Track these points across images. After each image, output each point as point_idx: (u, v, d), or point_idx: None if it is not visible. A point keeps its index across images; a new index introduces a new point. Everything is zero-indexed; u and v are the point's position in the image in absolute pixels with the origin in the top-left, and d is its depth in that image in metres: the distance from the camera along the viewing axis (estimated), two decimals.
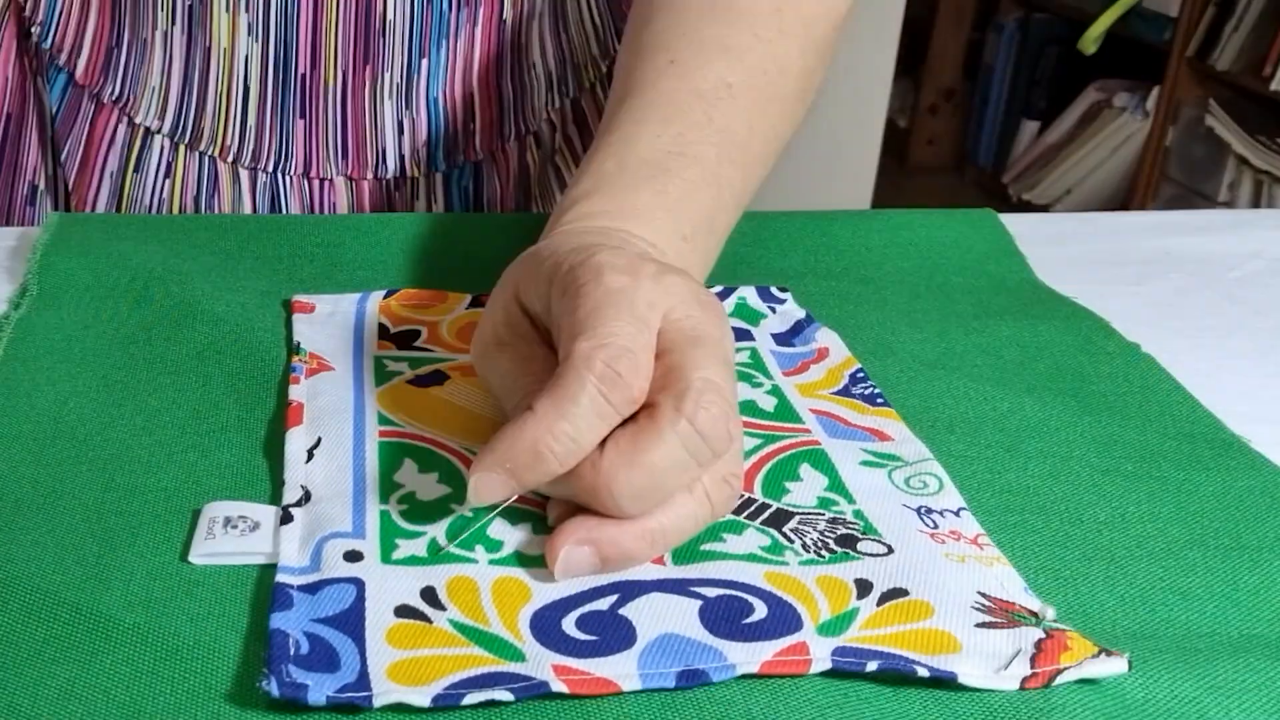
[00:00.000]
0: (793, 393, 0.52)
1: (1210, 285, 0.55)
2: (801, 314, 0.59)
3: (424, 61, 0.72)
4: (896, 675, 0.36)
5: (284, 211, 0.74)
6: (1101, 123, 3.18)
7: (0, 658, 0.36)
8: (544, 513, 0.43)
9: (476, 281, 0.60)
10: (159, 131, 0.73)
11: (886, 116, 2.27)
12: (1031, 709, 0.36)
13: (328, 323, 0.55)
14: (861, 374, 0.54)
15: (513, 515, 0.42)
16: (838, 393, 0.53)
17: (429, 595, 0.38)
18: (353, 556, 0.40)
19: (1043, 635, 0.38)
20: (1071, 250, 0.71)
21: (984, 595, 0.40)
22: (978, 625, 0.38)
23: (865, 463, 0.47)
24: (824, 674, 0.36)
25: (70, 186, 0.76)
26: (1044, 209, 3.20)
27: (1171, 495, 0.48)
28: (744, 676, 0.36)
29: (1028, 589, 0.41)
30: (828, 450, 0.48)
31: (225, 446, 0.47)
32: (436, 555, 0.40)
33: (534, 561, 0.40)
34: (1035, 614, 0.39)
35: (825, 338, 0.57)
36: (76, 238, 0.61)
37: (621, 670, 0.35)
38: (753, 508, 0.44)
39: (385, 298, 0.57)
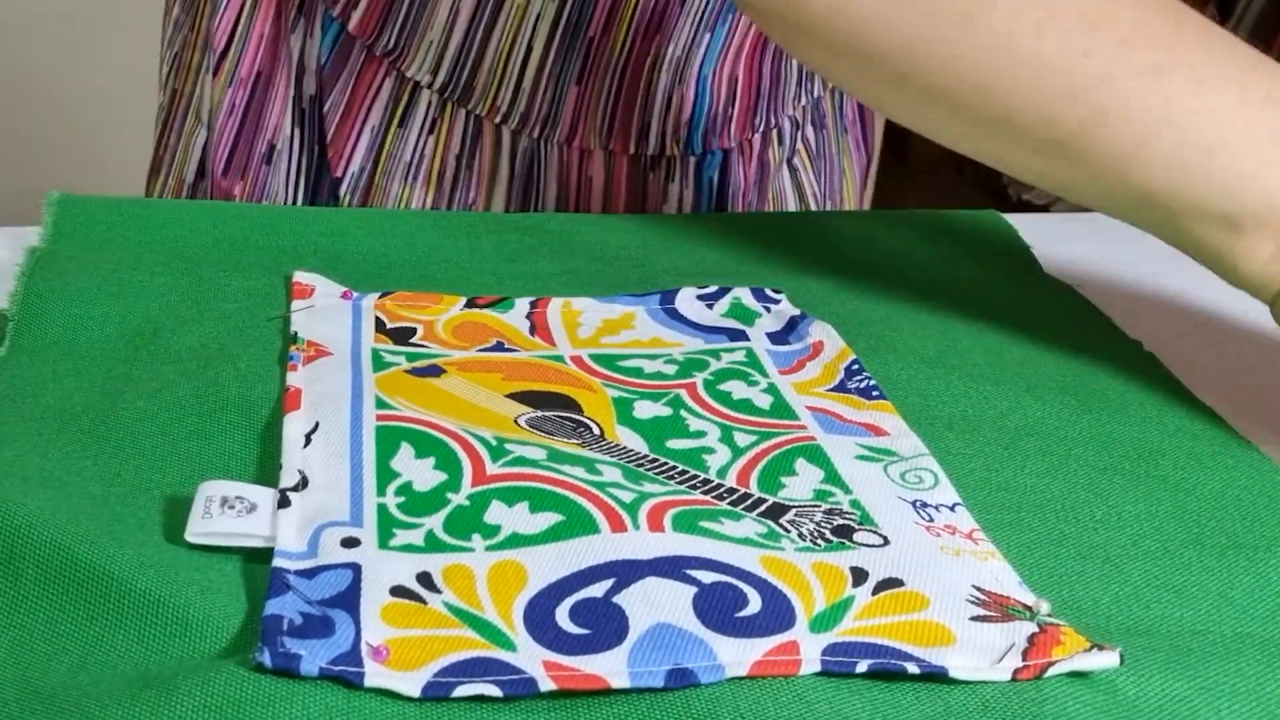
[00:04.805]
0: (789, 391, 0.52)
1: (1210, 285, 0.55)
2: (795, 312, 0.59)
3: (706, 36, 0.71)
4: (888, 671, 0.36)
5: (540, 180, 0.74)
6: None
7: (17, 624, 0.36)
8: (546, 487, 0.43)
9: (473, 282, 0.61)
10: (429, 86, 0.72)
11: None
12: (1025, 704, 0.36)
13: (324, 315, 0.55)
14: (857, 365, 0.54)
15: (511, 496, 0.43)
16: (833, 389, 0.53)
17: (425, 579, 0.38)
18: (350, 543, 0.40)
19: (1036, 629, 0.38)
20: (1071, 250, 0.71)
21: (978, 589, 0.40)
22: (972, 619, 0.38)
23: (861, 457, 0.47)
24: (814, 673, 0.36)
25: (329, 139, 0.75)
26: (1044, 209, 3.19)
27: (1169, 494, 0.48)
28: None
29: (1022, 583, 0.41)
30: (824, 445, 0.48)
31: (226, 434, 0.47)
32: (434, 545, 0.40)
33: (530, 541, 0.40)
34: (1029, 608, 0.39)
35: (819, 330, 0.57)
36: (77, 227, 0.61)
37: (611, 667, 0.35)
38: (749, 501, 0.44)
39: (380, 298, 0.57)
